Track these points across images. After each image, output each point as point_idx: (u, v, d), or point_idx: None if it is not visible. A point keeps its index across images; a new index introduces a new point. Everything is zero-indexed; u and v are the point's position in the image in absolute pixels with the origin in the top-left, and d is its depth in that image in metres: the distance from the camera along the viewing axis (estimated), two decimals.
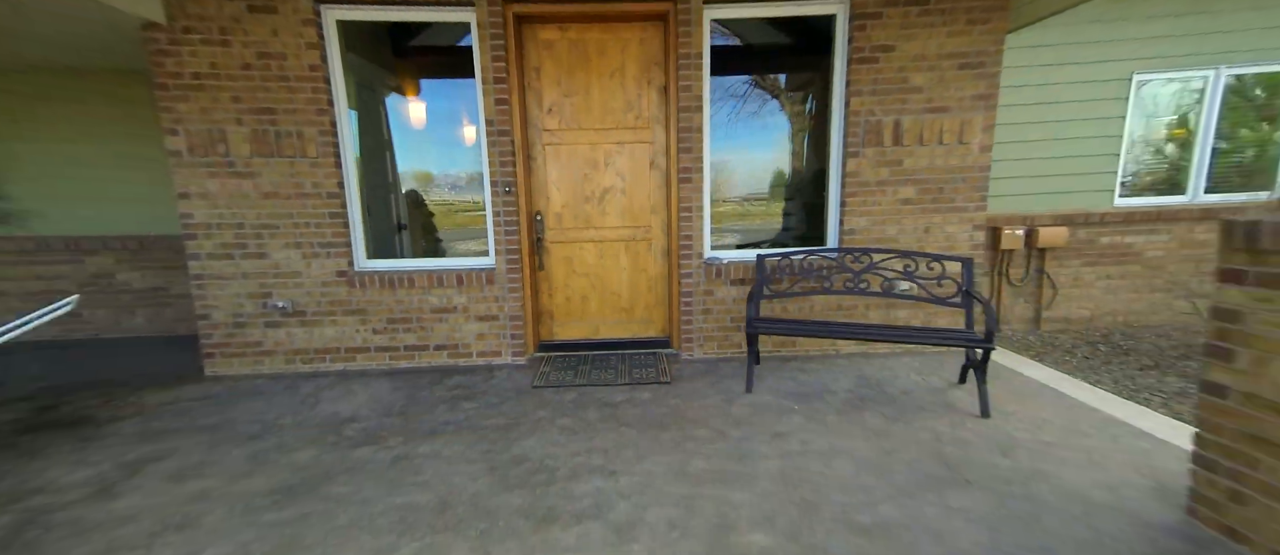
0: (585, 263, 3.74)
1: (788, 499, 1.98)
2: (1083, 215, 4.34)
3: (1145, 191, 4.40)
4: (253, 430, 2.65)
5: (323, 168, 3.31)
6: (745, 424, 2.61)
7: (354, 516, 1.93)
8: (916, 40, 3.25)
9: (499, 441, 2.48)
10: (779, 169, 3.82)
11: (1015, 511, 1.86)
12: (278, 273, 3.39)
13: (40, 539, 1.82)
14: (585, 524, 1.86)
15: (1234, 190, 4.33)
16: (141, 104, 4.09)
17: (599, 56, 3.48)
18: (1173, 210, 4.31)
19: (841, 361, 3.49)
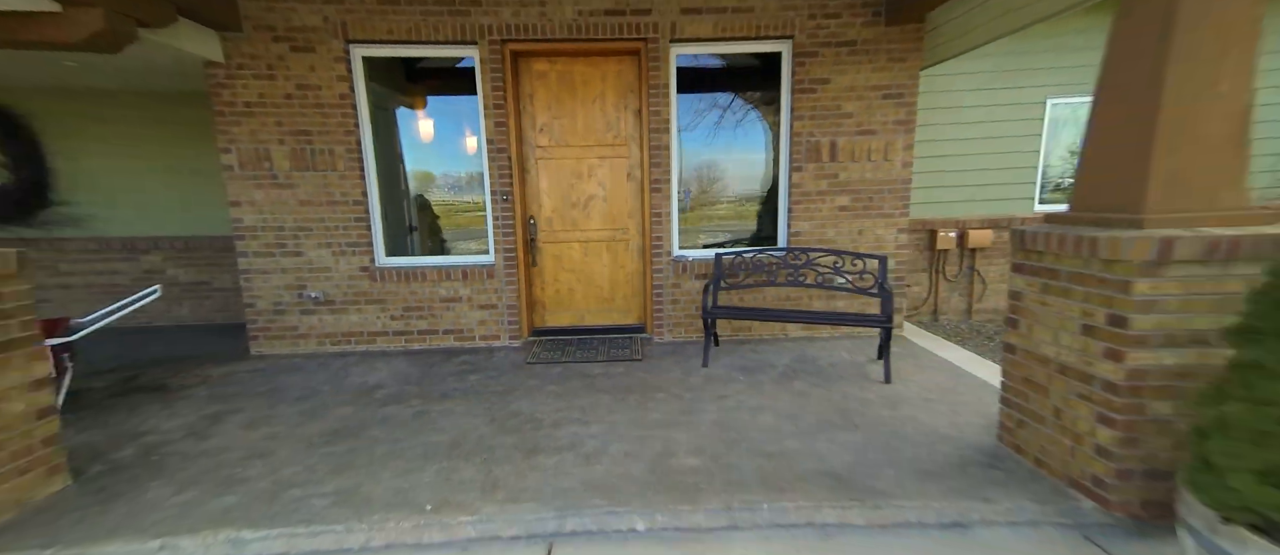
0: (572, 260, 4.39)
1: (717, 437, 2.63)
2: (1007, 219, 5.01)
3: (1059, 197, 5.07)
4: (300, 394, 3.30)
5: (349, 179, 3.96)
6: (697, 390, 3.27)
7: (388, 450, 2.58)
8: (847, 74, 3.91)
9: (498, 402, 3.13)
10: (751, 176, 4.44)
11: (880, 442, 2.52)
12: (311, 268, 4.05)
13: (162, 462, 2.47)
14: (562, 454, 2.51)
15: None
16: (187, 123, 4.74)
17: (583, 85, 4.13)
18: None
19: (789, 344, 4.15)
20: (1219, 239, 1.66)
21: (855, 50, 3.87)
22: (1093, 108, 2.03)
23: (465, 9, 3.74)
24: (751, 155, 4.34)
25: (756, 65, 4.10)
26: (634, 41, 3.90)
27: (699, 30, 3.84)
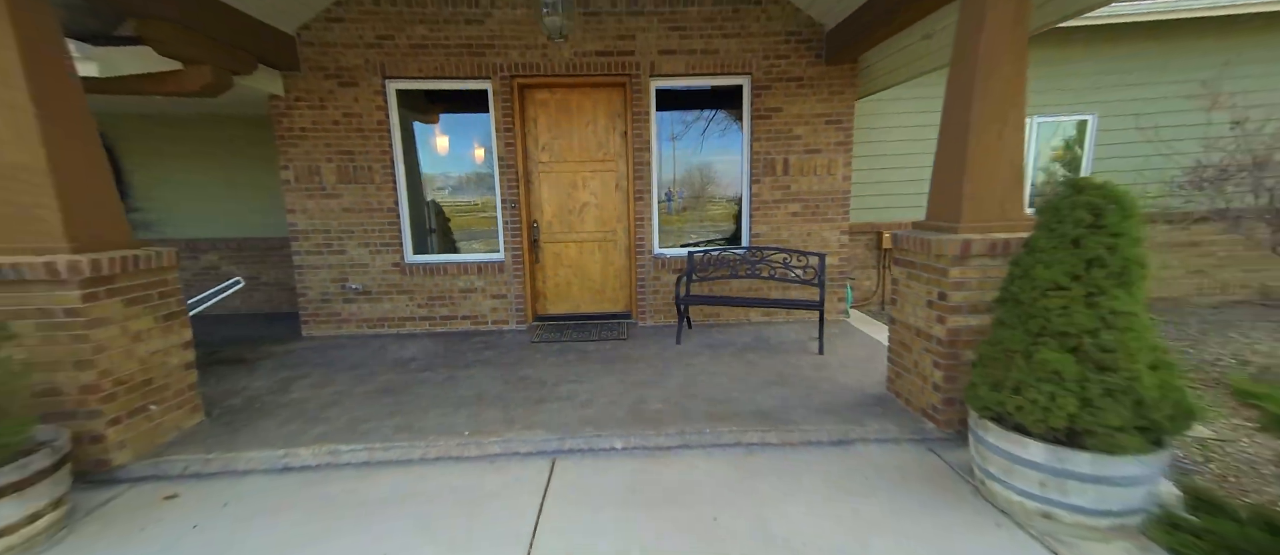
0: (569, 257, 5.23)
1: (680, 391, 3.48)
2: None
3: None
4: (350, 364, 4.13)
5: (383, 190, 4.80)
6: (669, 361, 4.11)
7: (429, 401, 3.41)
8: (797, 104, 4.76)
9: (510, 370, 3.97)
10: (728, 182, 5.26)
11: (801, 393, 3.37)
12: (352, 264, 4.88)
13: (262, 407, 3.31)
14: (562, 402, 3.35)
15: None
16: (240, 142, 5.57)
17: (578, 110, 4.97)
18: None
19: (749, 327, 5.00)
20: (998, 240, 2.51)
21: (802, 85, 4.72)
22: (937, 147, 2.88)
23: (481, 51, 4.58)
24: (728, 166, 5.18)
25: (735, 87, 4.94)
26: (620, 76, 4.75)
27: (673, 67, 4.69)
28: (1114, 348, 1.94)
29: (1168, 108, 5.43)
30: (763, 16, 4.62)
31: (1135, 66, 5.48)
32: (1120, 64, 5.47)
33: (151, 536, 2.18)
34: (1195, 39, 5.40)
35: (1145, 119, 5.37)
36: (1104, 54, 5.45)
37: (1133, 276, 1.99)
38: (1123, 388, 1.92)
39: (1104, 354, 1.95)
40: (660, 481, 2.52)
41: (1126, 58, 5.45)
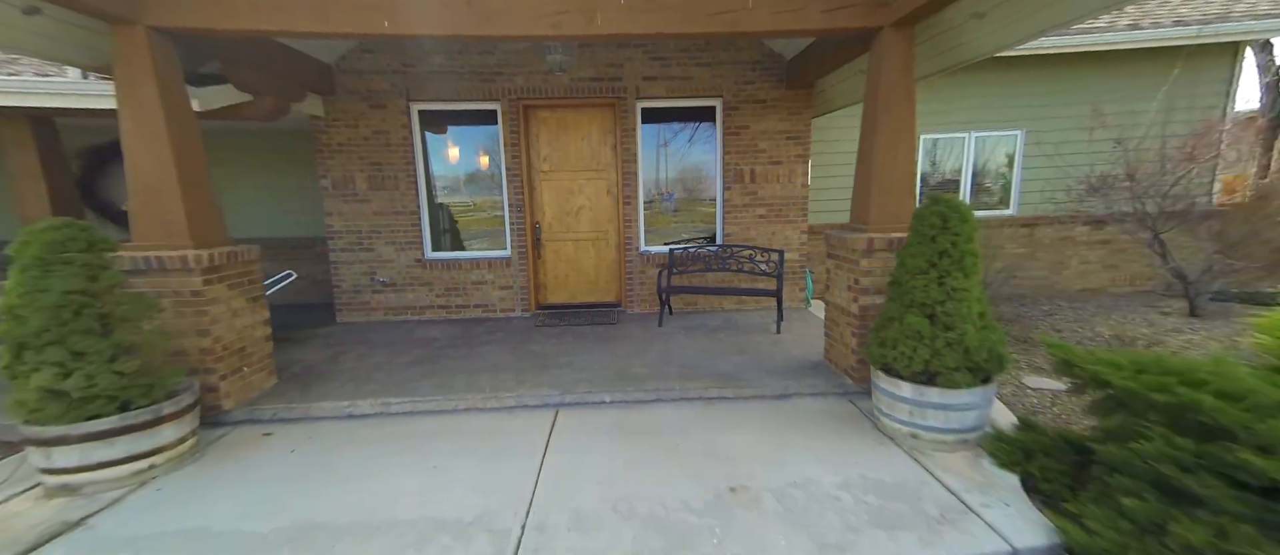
0: (567, 254, 6.03)
1: (658, 360, 4.28)
2: None
3: None
4: (384, 342, 4.92)
5: (407, 196, 5.58)
6: (651, 339, 4.91)
7: (454, 369, 4.21)
8: (762, 122, 5.58)
9: (518, 346, 4.76)
10: (705, 188, 6.09)
11: (756, 362, 4.18)
12: (380, 260, 5.66)
13: (322, 374, 4.09)
14: (562, 369, 4.15)
15: (985, 208, 6.72)
16: (275, 153, 6.33)
17: (574, 127, 5.77)
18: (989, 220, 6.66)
19: (722, 313, 5.82)
20: (893, 238, 3.34)
21: (766, 106, 5.54)
22: (855, 166, 3.70)
23: (491, 78, 5.38)
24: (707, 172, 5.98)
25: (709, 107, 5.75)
26: (610, 98, 5.55)
27: (656, 91, 5.50)
28: (953, 314, 2.77)
29: (1077, 125, 6.26)
30: (731, 47, 5.44)
31: (1053, 90, 6.32)
32: (1043, 87, 6.31)
33: (264, 459, 2.97)
34: (1095, 68, 6.23)
35: (1057, 135, 6.24)
36: (1029, 79, 6.29)
37: (968, 264, 2.81)
38: (957, 341, 2.75)
39: (947, 318, 2.78)
40: (639, 422, 3.33)
41: (1047, 82, 6.29)
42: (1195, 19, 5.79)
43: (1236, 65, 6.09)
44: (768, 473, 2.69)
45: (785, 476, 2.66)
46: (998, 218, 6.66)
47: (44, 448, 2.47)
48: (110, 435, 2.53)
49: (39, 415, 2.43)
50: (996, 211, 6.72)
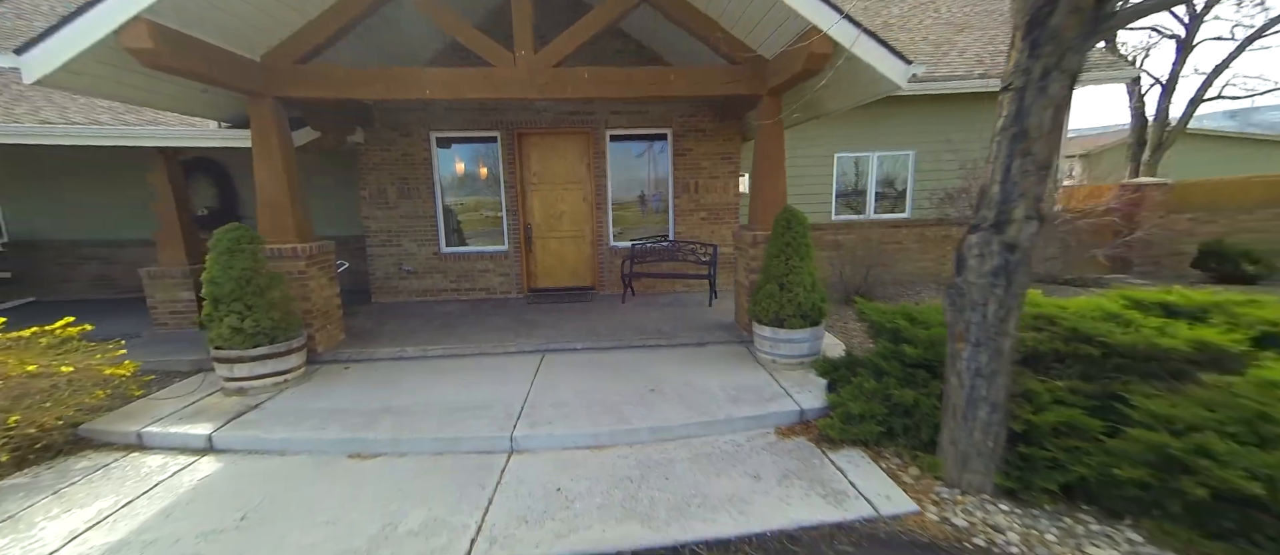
0: (553, 249, 7.59)
1: (618, 325, 5.87)
2: (820, 225, 8.33)
3: (846, 211, 8.43)
4: (413, 314, 6.45)
5: (427, 203, 7.10)
6: (615, 311, 6.49)
7: (468, 329, 5.76)
8: (702, 146, 7.19)
9: (515, 317, 6.32)
10: (662, 195, 7.68)
11: (687, 323, 5.79)
12: (405, 254, 7.18)
13: (374, 334, 5.62)
14: (548, 330, 5.72)
15: (886, 212, 8.39)
16: (311, 169, 7.80)
17: (558, 148, 7.33)
18: (858, 223, 8.33)
19: (673, 294, 7.41)
20: (767, 235, 4.96)
21: (706, 134, 7.15)
22: (750, 185, 5.30)
23: (492, 113, 6.92)
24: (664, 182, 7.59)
25: (663, 134, 7.35)
26: (586, 128, 7.12)
27: (620, 123, 7.08)
28: (793, 283, 4.39)
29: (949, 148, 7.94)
30: None
31: (930, 121, 8.00)
32: (924, 120, 7.99)
33: (349, 380, 4.51)
34: (960, 105, 7.91)
35: (933, 158, 7.94)
36: (915, 114, 7.96)
37: (802, 250, 4.43)
38: (793, 299, 4.37)
39: (789, 285, 4.39)
40: (600, 359, 4.91)
41: (927, 117, 7.97)
42: None
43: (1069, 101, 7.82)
44: (675, 381, 4.29)
45: (685, 382, 4.25)
46: (896, 219, 8.35)
47: (228, 364, 3.99)
48: (265, 358, 4.06)
49: (226, 345, 3.95)
50: (895, 214, 8.41)
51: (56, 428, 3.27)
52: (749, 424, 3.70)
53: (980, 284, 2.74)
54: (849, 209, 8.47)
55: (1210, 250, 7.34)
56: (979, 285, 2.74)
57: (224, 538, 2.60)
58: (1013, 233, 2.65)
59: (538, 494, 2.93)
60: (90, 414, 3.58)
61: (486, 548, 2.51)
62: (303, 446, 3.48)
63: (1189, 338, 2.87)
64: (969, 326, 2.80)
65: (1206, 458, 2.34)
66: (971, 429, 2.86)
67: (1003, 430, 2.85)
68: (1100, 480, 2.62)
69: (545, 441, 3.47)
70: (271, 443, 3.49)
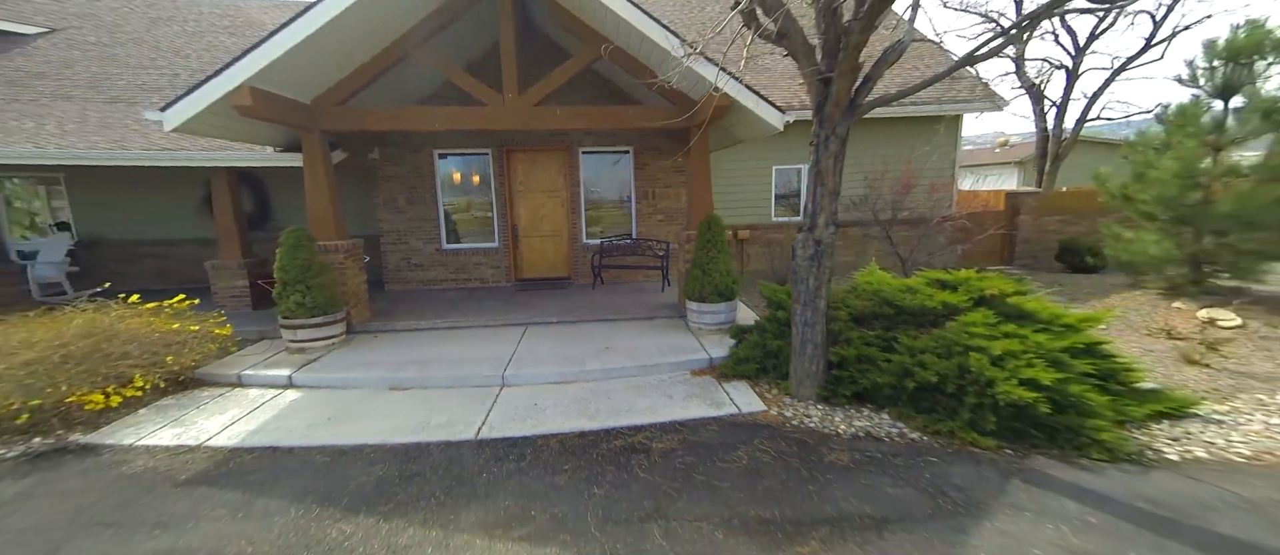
0: (535, 246, 9.03)
1: (587, 305, 7.33)
2: (761, 225, 9.87)
3: (787, 212, 9.98)
4: (423, 299, 7.84)
5: (430, 208, 8.49)
6: (585, 296, 7.95)
7: (469, 310, 7.17)
8: (659, 160, 8.68)
9: (505, 300, 7.74)
10: (626, 200, 9.15)
11: (641, 304, 7.27)
12: (413, 250, 8.57)
13: (393, 312, 7.02)
14: (531, 309, 7.17)
15: None
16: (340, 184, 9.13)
17: (540, 162, 8.77)
18: (790, 223, 9.88)
19: (637, 283, 8.89)
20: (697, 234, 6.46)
21: (660, 152, 8.64)
22: (689, 196, 6.80)
23: (485, 136, 8.33)
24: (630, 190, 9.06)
25: (626, 151, 8.81)
26: (562, 146, 8.57)
27: (590, 142, 8.54)
28: (711, 269, 5.89)
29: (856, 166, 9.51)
30: None
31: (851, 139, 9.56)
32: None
33: (379, 345, 5.92)
34: (877, 127, 9.48)
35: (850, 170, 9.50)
36: None
37: (719, 245, 5.93)
38: (712, 282, 5.87)
39: (710, 269, 5.89)
40: (570, 330, 6.38)
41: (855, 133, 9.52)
42: (930, 99, 9.10)
43: (958, 128, 9.47)
44: (624, 343, 5.76)
45: (632, 344, 5.73)
46: None
47: (293, 330, 5.38)
48: (319, 325, 5.46)
49: (293, 315, 5.34)
50: None
51: (186, 369, 4.65)
52: (672, 368, 5.19)
53: (803, 266, 4.26)
54: (790, 211, 10.02)
55: (1066, 246, 9.03)
56: (803, 267, 4.26)
57: (322, 427, 4.02)
58: (819, 233, 4.18)
59: (521, 407, 4.39)
60: (202, 361, 4.95)
61: (488, 431, 3.97)
62: (355, 383, 4.89)
63: (940, 300, 4.43)
64: (799, 294, 4.32)
65: (920, 368, 3.89)
66: (803, 361, 4.38)
67: (822, 361, 4.37)
68: (874, 388, 4.15)
69: (527, 379, 4.93)
70: (334, 380, 4.90)
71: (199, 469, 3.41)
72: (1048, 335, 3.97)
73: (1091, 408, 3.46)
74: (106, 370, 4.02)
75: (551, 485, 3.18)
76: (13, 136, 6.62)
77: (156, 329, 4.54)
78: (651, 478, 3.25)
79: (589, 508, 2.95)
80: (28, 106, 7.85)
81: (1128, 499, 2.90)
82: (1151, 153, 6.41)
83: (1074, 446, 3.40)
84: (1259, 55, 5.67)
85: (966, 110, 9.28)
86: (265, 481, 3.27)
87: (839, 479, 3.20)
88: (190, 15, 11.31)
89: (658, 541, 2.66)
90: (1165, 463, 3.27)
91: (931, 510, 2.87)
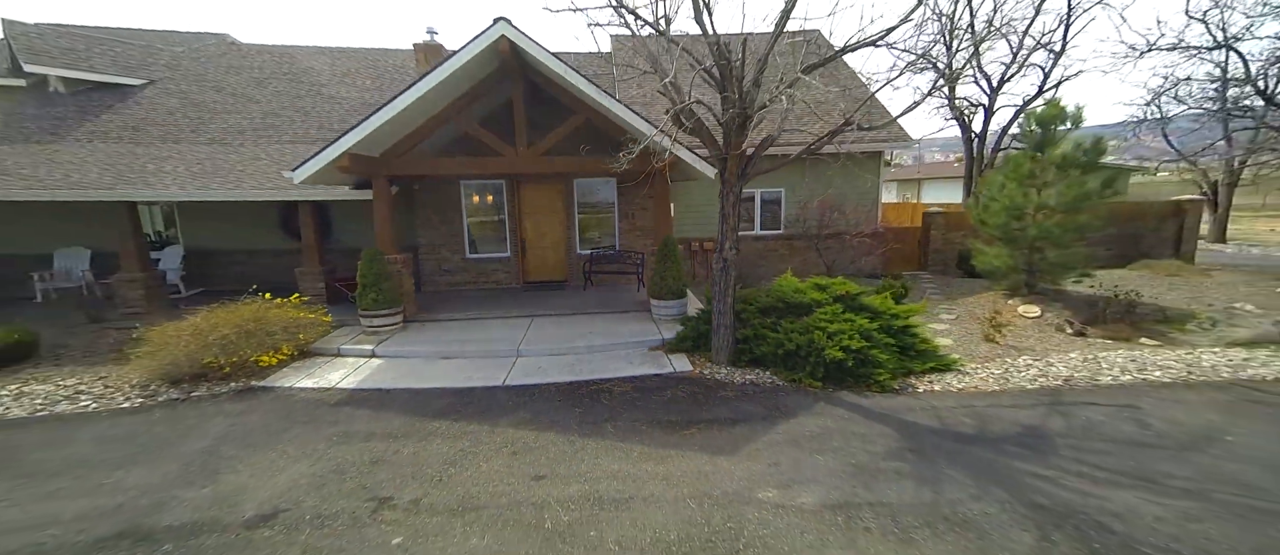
0: (539, 255, 11.12)
1: (578, 301, 9.42)
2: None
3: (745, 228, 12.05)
4: (453, 298, 9.93)
5: (457, 226, 10.59)
6: (578, 295, 10.03)
7: (490, 306, 9.26)
8: (636, 189, 10.76)
9: (516, 298, 9.83)
10: (612, 218, 11.23)
11: (620, 300, 9.35)
12: (444, 258, 10.67)
13: (434, 306, 9.12)
14: (536, 305, 9.26)
15: (771, 230, 12.02)
16: None
17: (543, 190, 10.86)
18: (746, 236, 11.95)
19: (620, 285, 10.97)
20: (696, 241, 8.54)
21: (638, 182, 10.72)
22: (654, 218, 8.87)
23: (498, 172, 10.41)
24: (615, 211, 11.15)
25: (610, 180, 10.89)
26: (561, 178, 10.66)
27: (581, 175, 10.63)
28: (667, 276, 7.97)
29: (794, 193, 11.57)
30: None
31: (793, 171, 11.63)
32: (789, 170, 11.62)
33: (427, 331, 8.01)
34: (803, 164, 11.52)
35: (792, 194, 11.58)
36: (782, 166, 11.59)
37: (675, 256, 8.00)
38: (668, 284, 7.95)
39: (665, 276, 7.97)
40: (566, 320, 8.47)
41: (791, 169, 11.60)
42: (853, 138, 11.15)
43: (881, 162, 11.53)
44: (604, 329, 7.84)
45: (610, 329, 7.81)
46: (773, 234, 11.99)
47: (370, 318, 7.47)
48: (386, 315, 7.54)
49: (371, 308, 7.43)
50: (774, 231, 12.05)
51: (305, 344, 6.74)
52: (636, 345, 7.27)
53: (718, 276, 6.34)
54: (745, 226, 12.08)
55: (962, 255, 11.08)
56: (717, 276, 6.34)
57: (404, 379, 6.09)
58: (726, 254, 6.26)
59: (530, 369, 6.47)
60: (315, 339, 7.04)
61: (510, 381, 6.04)
62: (416, 354, 6.98)
63: (811, 297, 6.51)
64: (716, 295, 6.40)
65: (788, 341, 5.97)
66: (719, 339, 6.46)
67: (731, 338, 6.45)
68: (764, 355, 6.22)
69: (534, 352, 7.02)
70: (402, 351, 6.99)
71: (338, 399, 5.50)
72: (867, 319, 6.06)
73: (877, 362, 5.54)
74: (266, 342, 6.11)
75: (550, 407, 5.27)
76: (150, 177, 8.73)
77: (289, 316, 6.63)
78: (610, 404, 5.33)
79: (571, 417, 5.03)
80: (149, 149, 9.96)
81: (876, 409, 4.99)
82: (994, 189, 8.48)
83: (865, 385, 5.49)
84: (1057, 123, 7.74)
85: (885, 148, 11.36)
86: (380, 405, 5.36)
87: (721, 404, 5.29)
88: (255, 63, 13.42)
89: (608, 429, 4.74)
90: (914, 394, 5.36)
91: (765, 416, 4.95)
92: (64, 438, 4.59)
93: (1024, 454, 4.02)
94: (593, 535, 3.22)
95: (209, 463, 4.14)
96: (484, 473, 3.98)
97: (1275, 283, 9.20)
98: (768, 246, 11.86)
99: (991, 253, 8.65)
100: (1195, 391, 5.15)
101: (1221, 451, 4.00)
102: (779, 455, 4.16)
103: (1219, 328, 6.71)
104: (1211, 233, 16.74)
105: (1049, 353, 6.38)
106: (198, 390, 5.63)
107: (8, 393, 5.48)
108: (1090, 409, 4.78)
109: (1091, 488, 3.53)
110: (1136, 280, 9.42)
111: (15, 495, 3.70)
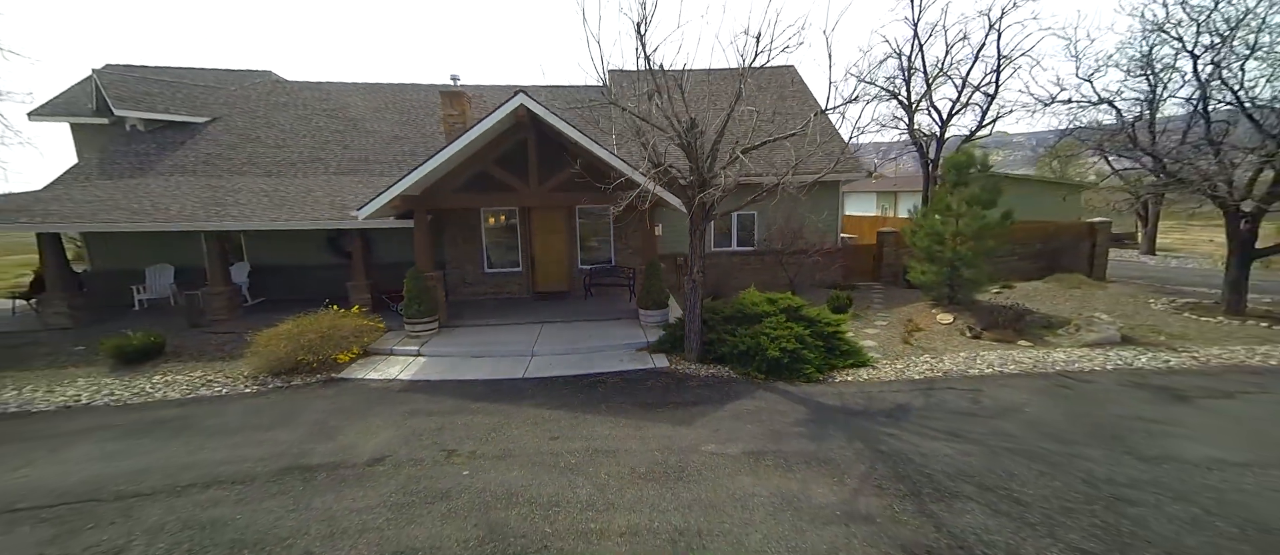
0: (546, 269, 12.83)
1: (581, 311, 11.11)
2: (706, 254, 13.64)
3: (722, 245, 13.74)
4: (476, 306, 11.63)
5: (477, 245, 12.30)
6: (579, 303, 11.73)
7: (507, 313, 10.96)
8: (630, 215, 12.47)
9: (527, 306, 11.52)
10: (608, 238, 12.94)
11: (615, 308, 11.06)
12: (466, 273, 12.38)
13: (461, 314, 10.83)
14: (544, 312, 10.96)
15: (746, 246, 13.72)
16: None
17: (550, 215, 12.57)
18: (724, 252, 13.65)
19: (617, 293, 12.68)
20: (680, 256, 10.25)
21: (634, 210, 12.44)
22: (642, 242, 10.58)
23: (512, 203, 12.12)
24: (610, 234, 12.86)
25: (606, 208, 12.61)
26: (566, 206, 12.36)
27: (583, 203, 12.33)
28: (652, 289, 9.66)
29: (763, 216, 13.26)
30: None
31: None
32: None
33: (458, 334, 9.71)
34: None
35: (763, 217, 13.29)
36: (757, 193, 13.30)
37: (658, 276, 9.70)
38: (652, 296, 9.64)
39: (651, 289, 9.67)
40: (570, 326, 10.17)
41: None
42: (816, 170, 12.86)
43: (840, 192, 13.24)
44: (601, 333, 9.54)
45: (606, 334, 9.50)
46: (747, 250, 13.69)
47: (413, 324, 9.16)
48: (426, 322, 9.24)
49: (414, 316, 9.13)
50: (748, 247, 13.75)
51: (366, 345, 8.44)
52: (626, 346, 8.97)
53: (689, 293, 8.05)
54: (725, 242, 13.80)
55: (906, 270, 12.77)
56: (688, 293, 8.05)
57: (447, 373, 7.79)
58: (695, 275, 7.97)
59: (543, 365, 8.17)
60: (371, 342, 8.72)
61: (528, 375, 7.74)
62: (452, 354, 8.68)
63: (762, 310, 8.21)
64: (688, 307, 8.11)
65: (742, 344, 7.67)
66: (690, 342, 8.16)
67: (699, 342, 8.14)
68: (725, 355, 7.91)
69: (545, 351, 8.72)
70: (441, 351, 8.68)
71: (400, 389, 7.20)
72: (804, 327, 7.77)
73: (806, 360, 7.25)
74: (341, 343, 7.82)
75: (559, 393, 6.96)
76: (231, 209, 10.43)
77: (356, 323, 8.33)
78: (604, 391, 7.03)
79: (576, 400, 6.72)
80: (223, 181, 11.67)
81: (799, 394, 6.68)
82: (920, 217, 10.18)
83: (795, 377, 7.19)
84: (968, 167, 9.45)
85: (842, 178, 13.07)
86: (432, 393, 7.06)
87: (687, 390, 6.98)
88: (299, 100, 15.14)
89: (602, 408, 6.43)
90: (832, 383, 7.05)
91: (718, 399, 6.63)
92: (218, 411, 6.30)
93: (886, 422, 5.72)
94: (591, 470, 4.91)
95: (325, 428, 5.84)
96: (515, 435, 5.68)
97: (1155, 296, 10.89)
98: (742, 261, 13.58)
99: (920, 269, 10.35)
100: (1028, 379, 6.85)
101: (1013, 419, 5.70)
102: (721, 424, 5.86)
103: (1081, 332, 8.39)
104: (1142, 244, 18.37)
105: (945, 352, 8.07)
106: (295, 380, 7.33)
107: (161, 381, 7.19)
108: (948, 392, 6.48)
109: (918, 440, 5.22)
110: (1045, 291, 11.12)
111: (213, 445, 5.41)
